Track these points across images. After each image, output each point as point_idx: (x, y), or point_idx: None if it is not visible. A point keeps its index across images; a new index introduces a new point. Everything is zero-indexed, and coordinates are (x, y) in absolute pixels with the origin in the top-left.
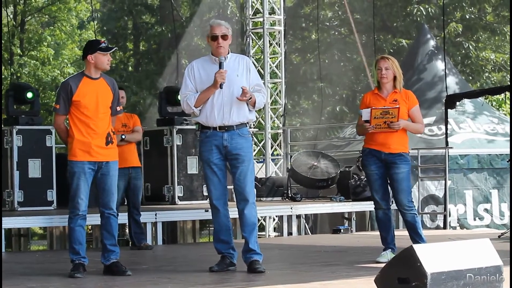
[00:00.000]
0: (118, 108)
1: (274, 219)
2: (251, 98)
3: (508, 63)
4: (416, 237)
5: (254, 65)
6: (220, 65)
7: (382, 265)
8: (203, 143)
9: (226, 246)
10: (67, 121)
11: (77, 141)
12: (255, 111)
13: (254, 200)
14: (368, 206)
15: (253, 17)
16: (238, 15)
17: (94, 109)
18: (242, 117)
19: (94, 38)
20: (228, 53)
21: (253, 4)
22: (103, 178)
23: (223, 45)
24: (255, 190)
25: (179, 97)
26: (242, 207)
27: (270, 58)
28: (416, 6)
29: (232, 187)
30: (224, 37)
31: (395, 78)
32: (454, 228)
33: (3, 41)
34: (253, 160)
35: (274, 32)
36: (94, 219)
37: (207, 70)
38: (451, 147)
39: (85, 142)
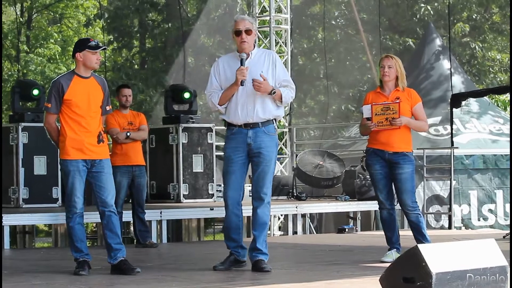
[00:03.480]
0: (108, 108)
1: (279, 218)
2: (261, 85)
3: None
4: (420, 237)
5: None
6: (242, 62)
7: (387, 264)
8: (228, 140)
9: (234, 244)
10: (58, 120)
11: (70, 139)
12: (283, 107)
13: (269, 200)
14: (373, 206)
15: (259, 15)
16: (247, 13)
17: (86, 108)
18: (268, 113)
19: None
20: (254, 48)
21: (260, 2)
22: (99, 175)
23: (246, 40)
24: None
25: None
26: (256, 205)
27: None
28: (423, 5)
29: (249, 185)
30: (248, 32)
31: (397, 77)
32: (459, 228)
33: (10, 38)
34: (275, 160)
35: (280, 31)
36: (97, 217)
37: (231, 66)
38: (457, 147)
39: (78, 140)
